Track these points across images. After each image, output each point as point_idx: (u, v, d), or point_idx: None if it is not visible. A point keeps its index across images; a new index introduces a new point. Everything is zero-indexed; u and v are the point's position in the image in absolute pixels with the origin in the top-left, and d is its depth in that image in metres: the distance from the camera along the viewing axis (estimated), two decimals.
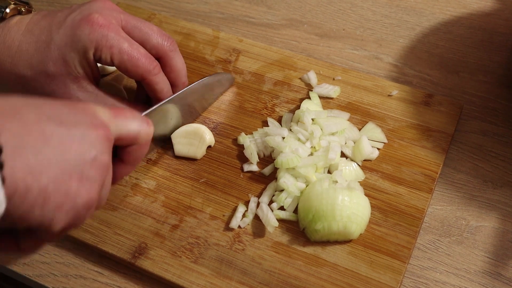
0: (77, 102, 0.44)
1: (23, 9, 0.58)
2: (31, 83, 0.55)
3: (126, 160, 0.48)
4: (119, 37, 0.54)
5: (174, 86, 0.60)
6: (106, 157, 0.41)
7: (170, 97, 0.58)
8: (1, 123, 0.35)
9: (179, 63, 0.60)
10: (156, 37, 0.57)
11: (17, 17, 0.57)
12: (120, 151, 0.48)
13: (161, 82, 0.58)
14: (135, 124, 0.47)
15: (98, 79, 0.58)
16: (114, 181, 0.49)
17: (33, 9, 0.59)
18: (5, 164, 0.34)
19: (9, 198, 0.34)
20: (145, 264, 0.54)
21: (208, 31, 0.73)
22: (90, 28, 0.53)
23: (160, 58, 0.58)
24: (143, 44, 0.57)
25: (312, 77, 0.67)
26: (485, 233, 0.56)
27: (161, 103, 0.57)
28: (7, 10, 0.56)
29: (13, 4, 0.57)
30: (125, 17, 0.57)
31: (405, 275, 0.54)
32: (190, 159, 0.61)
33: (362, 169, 0.59)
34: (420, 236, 0.56)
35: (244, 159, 0.61)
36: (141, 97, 0.61)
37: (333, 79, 0.67)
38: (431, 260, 0.55)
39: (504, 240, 0.56)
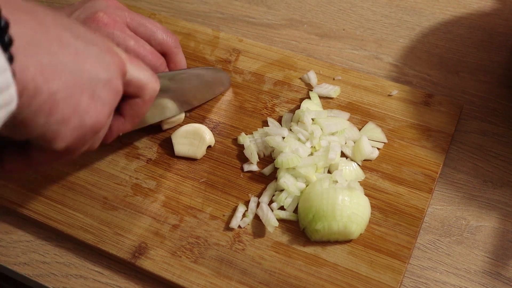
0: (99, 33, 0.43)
1: None
2: None
3: (126, 114, 0.47)
4: (124, 35, 0.55)
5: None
6: (119, 83, 0.40)
7: (170, 72, 0.59)
8: (16, 14, 0.33)
9: (182, 59, 0.61)
10: (161, 33, 0.58)
11: None
12: (122, 104, 0.47)
13: None
14: (146, 74, 0.46)
15: None
16: (109, 136, 0.48)
17: None
18: (16, 59, 0.32)
19: (18, 96, 0.32)
20: (145, 264, 0.54)
21: (208, 31, 0.73)
22: (95, 26, 0.53)
23: (165, 54, 0.59)
24: (148, 41, 0.57)
25: (312, 77, 0.67)
26: (485, 233, 0.56)
27: (164, 73, 0.57)
28: None
29: None
30: (129, 15, 0.57)
31: (405, 275, 0.54)
32: (190, 159, 0.61)
33: (362, 169, 0.59)
34: (420, 236, 0.56)
35: (244, 159, 0.61)
36: None
37: (333, 79, 0.67)
38: (431, 260, 0.55)
39: (504, 240, 0.56)
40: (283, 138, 0.60)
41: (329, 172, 0.59)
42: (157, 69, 0.57)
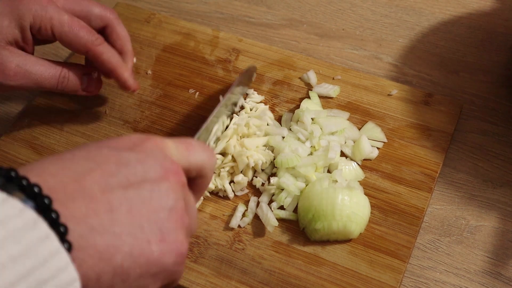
0: (145, 138, 0.39)
1: None
2: None
3: (193, 193, 0.44)
4: (59, 10, 0.56)
5: (121, 54, 0.61)
6: (181, 203, 0.38)
7: (214, 112, 0.57)
8: (66, 207, 0.32)
9: (123, 30, 0.62)
10: (98, 8, 0.60)
11: None
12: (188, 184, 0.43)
13: (106, 52, 0.58)
14: (201, 155, 0.42)
15: (31, 53, 0.59)
16: None
17: None
18: (76, 259, 0.31)
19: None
20: None
21: (208, 31, 0.73)
22: (30, 0, 0.55)
23: (106, 27, 0.60)
24: (87, 17, 0.59)
25: (312, 76, 0.67)
26: (485, 233, 0.56)
27: (208, 120, 0.56)
28: None
29: None
30: (64, 1, 0.59)
31: (405, 274, 0.54)
32: None
33: (361, 168, 0.59)
34: (420, 235, 0.56)
35: None
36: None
37: (333, 78, 0.67)
38: (431, 260, 0.55)
39: (504, 239, 0.56)
40: (283, 137, 0.60)
41: (328, 171, 0.59)
42: (93, 43, 0.57)
